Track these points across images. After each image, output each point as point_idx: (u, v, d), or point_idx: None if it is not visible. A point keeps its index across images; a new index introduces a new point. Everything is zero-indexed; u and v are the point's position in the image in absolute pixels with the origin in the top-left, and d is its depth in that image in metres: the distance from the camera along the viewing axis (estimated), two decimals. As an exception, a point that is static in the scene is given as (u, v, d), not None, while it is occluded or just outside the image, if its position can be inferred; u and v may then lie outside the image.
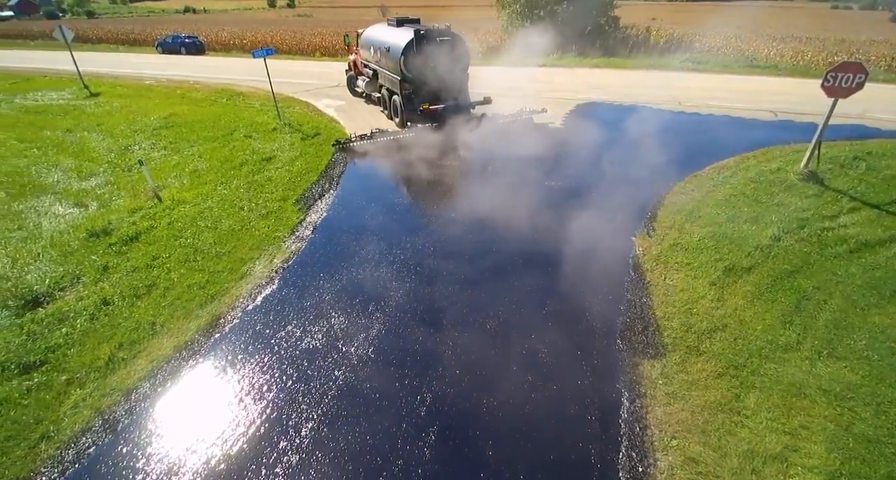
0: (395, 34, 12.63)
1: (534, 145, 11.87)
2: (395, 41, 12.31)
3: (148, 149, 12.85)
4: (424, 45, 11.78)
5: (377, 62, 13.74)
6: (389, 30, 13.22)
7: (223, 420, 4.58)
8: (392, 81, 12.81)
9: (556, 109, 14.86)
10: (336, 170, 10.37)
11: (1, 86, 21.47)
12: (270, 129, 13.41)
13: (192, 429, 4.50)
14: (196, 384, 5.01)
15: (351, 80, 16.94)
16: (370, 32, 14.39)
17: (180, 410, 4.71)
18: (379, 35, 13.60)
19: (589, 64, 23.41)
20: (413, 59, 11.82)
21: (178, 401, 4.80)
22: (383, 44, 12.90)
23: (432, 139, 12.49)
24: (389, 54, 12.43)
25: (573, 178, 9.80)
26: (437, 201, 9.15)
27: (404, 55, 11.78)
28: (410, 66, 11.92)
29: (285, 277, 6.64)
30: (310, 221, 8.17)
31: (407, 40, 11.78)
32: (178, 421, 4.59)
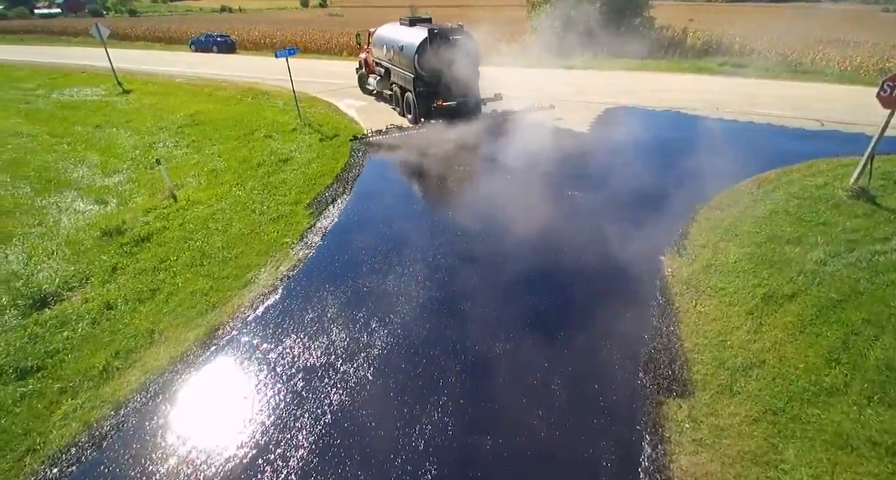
0: (408, 33, 12.81)
1: (556, 151, 11.36)
2: (409, 40, 12.49)
3: (171, 146, 12.95)
4: (438, 43, 12.03)
5: (390, 60, 13.88)
6: (403, 29, 13.39)
7: (209, 442, 4.33)
8: (405, 79, 13.00)
9: (581, 114, 14.27)
10: (351, 174, 10.12)
11: (42, 81, 22.30)
12: (290, 130, 13.32)
13: (178, 450, 4.27)
14: (186, 399, 4.79)
15: (362, 77, 17.14)
16: (383, 31, 14.51)
17: (168, 428, 4.49)
18: (392, 34, 13.75)
19: (621, 66, 22.58)
20: (427, 57, 12.02)
21: (166, 418, 4.59)
22: (397, 42, 13.06)
23: (445, 136, 12.42)
24: (403, 52, 12.59)
25: (597, 188, 9.25)
26: (449, 209, 8.75)
27: (418, 53, 11.98)
28: (424, 64, 12.12)
29: (289, 287, 6.40)
30: (319, 227, 7.92)
31: (421, 39, 11.98)
32: (165, 441, 4.36)
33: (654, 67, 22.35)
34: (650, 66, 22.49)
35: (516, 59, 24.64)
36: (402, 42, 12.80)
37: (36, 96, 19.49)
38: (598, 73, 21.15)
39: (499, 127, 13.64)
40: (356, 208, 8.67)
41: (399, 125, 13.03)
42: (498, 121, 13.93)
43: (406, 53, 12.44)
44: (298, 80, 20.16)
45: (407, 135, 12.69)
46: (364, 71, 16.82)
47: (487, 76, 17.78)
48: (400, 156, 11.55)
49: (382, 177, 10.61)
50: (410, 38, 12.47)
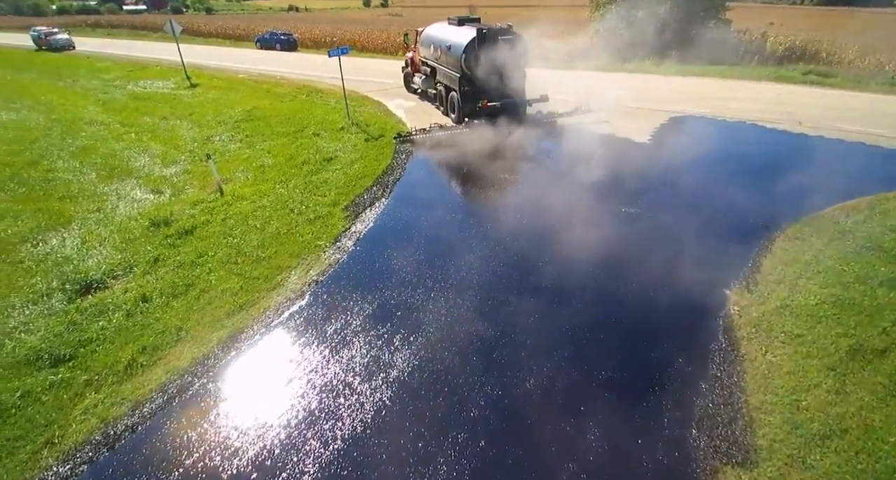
0: (457, 32, 12.73)
1: (611, 161, 10.59)
2: (456, 39, 12.43)
3: (226, 140, 13.34)
4: (486, 43, 11.92)
5: (436, 59, 13.88)
6: (451, 28, 13.35)
7: (217, 455, 4.16)
8: (451, 78, 12.97)
9: (642, 122, 13.30)
10: (392, 177, 9.89)
11: (120, 73, 23.97)
12: (338, 128, 13.35)
13: (185, 461, 4.13)
14: (200, 406, 4.67)
15: (407, 76, 17.29)
16: (431, 31, 14.57)
17: (180, 434, 4.37)
18: (440, 33, 13.76)
19: (690, 72, 21.07)
20: (474, 57, 11.97)
21: (180, 423, 4.48)
22: (444, 42, 13.04)
23: (489, 138, 12.14)
24: (450, 52, 12.56)
25: (657, 206, 8.45)
26: (488, 221, 8.26)
27: (465, 53, 11.94)
28: (471, 64, 12.06)
29: (316, 293, 6.20)
30: (354, 231, 7.72)
31: (469, 38, 11.91)
32: (175, 447, 4.24)
33: (727, 74, 20.69)
34: (724, 73, 20.84)
35: (576, 62, 23.71)
36: (449, 41, 12.77)
37: (114, 87, 20.92)
38: (664, 79, 19.84)
39: (547, 131, 13.01)
40: (393, 213, 8.40)
41: (442, 124, 12.93)
42: (545, 125, 13.32)
43: (453, 53, 12.41)
44: (352, 79, 20.44)
45: (450, 135, 12.53)
46: (410, 70, 16.97)
47: (542, 78, 17.13)
48: (443, 161, 11.20)
49: (423, 181, 10.30)
50: (458, 37, 12.42)
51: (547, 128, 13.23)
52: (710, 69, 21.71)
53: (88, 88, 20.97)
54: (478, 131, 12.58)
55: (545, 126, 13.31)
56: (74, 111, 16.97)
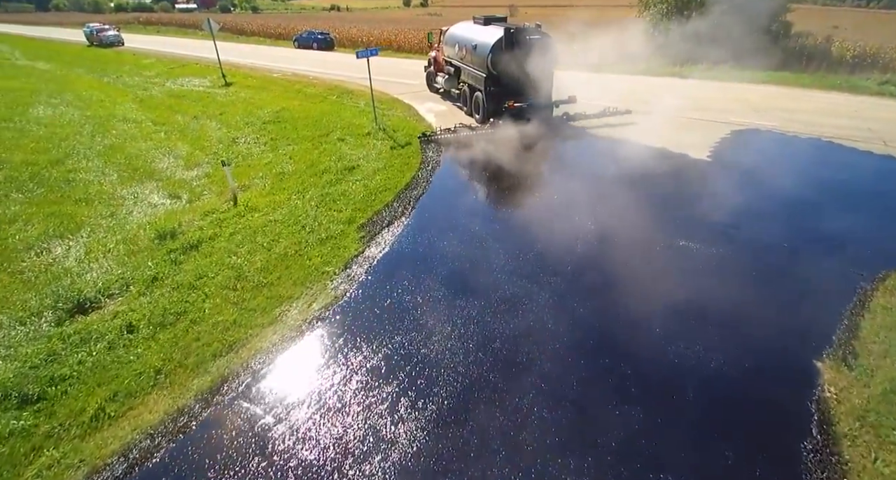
0: (483, 32, 12.35)
1: (666, 181, 9.32)
2: (483, 39, 12.04)
3: (251, 143, 12.82)
4: (514, 43, 11.52)
5: (461, 59, 13.52)
6: (477, 28, 12.96)
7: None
8: (476, 78, 12.63)
9: (700, 135, 11.84)
10: (416, 192, 8.96)
11: (161, 70, 24.22)
12: (364, 133, 12.58)
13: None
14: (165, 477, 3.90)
15: (430, 76, 16.98)
16: (456, 30, 14.22)
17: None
18: (466, 33, 13.36)
19: (748, 78, 19.18)
20: (500, 57, 11.58)
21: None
22: (470, 41, 12.65)
23: (521, 143, 11.61)
24: (476, 52, 12.21)
25: (720, 241, 7.16)
26: (524, 249, 7.18)
27: (492, 52, 11.57)
28: (497, 64, 11.68)
29: (316, 333, 5.35)
30: (367, 256, 6.84)
31: (496, 38, 11.51)
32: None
33: (792, 82, 18.71)
34: (788, 80, 18.88)
35: (621, 65, 22.15)
36: (475, 41, 12.35)
37: (153, 84, 21.03)
38: (721, 85, 18.08)
39: (589, 143, 11.80)
40: (412, 236, 7.44)
41: (468, 124, 12.53)
42: (587, 136, 12.12)
43: (479, 52, 12.00)
44: (383, 80, 19.72)
45: (478, 138, 11.92)
46: (433, 69, 16.58)
47: (584, 81, 15.87)
48: (472, 172, 10.23)
49: (449, 198, 9.26)
50: (485, 37, 12.01)
51: (589, 139, 12.03)
52: (773, 76, 19.76)
53: (129, 84, 21.17)
54: (507, 135, 11.85)
55: (587, 136, 12.12)
56: (111, 107, 16.98)
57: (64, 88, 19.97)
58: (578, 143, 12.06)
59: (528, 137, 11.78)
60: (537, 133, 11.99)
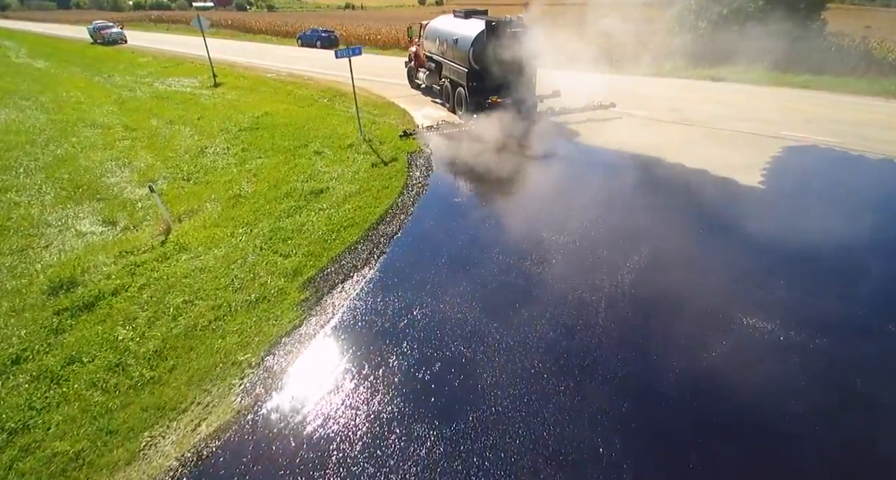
0: (464, 25, 11.67)
1: (710, 216, 7.11)
2: (464, 33, 11.39)
3: (220, 154, 10.96)
4: (495, 36, 10.81)
5: (442, 54, 12.83)
6: (458, 21, 12.27)
7: None
8: (458, 73, 11.93)
9: (747, 152, 9.52)
10: (389, 228, 6.89)
11: (155, 69, 22.60)
12: (346, 145, 10.58)
13: None
14: None
15: (411, 71, 16.05)
16: (436, 24, 13.51)
17: None
18: (446, 27, 12.65)
19: (790, 82, 16.61)
20: (482, 51, 10.90)
21: None
22: (451, 35, 11.97)
23: (500, 136, 10.58)
24: (457, 46, 11.59)
25: (800, 315, 4.94)
26: (518, 327, 5.10)
27: (474, 47, 10.89)
28: (479, 58, 11.00)
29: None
30: (303, 335, 4.80)
31: (477, 32, 10.83)
32: None
33: (838, 87, 16.07)
34: (833, 85, 16.23)
35: (644, 64, 19.73)
36: (457, 35, 11.67)
37: (142, 84, 19.39)
38: (760, 90, 15.55)
39: (599, 156, 9.60)
40: (373, 301, 5.29)
41: (451, 121, 11.81)
42: (612, 155, 9.92)
43: (461, 47, 11.35)
44: (381, 82, 17.72)
45: (468, 144, 10.42)
46: (413, 64, 15.65)
47: (605, 85, 13.66)
48: (464, 198, 8.14)
49: (431, 239, 6.92)
50: (466, 30, 11.33)
51: (610, 157, 9.83)
52: (815, 80, 17.10)
53: (117, 84, 19.58)
54: (484, 127, 10.73)
55: (605, 153, 9.93)
56: (87, 110, 15.35)
57: (45, 89, 18.46)
58: (597, 162, 9.87)
59: (529, 153, 9.84)
60: (540, 148, 9.87)
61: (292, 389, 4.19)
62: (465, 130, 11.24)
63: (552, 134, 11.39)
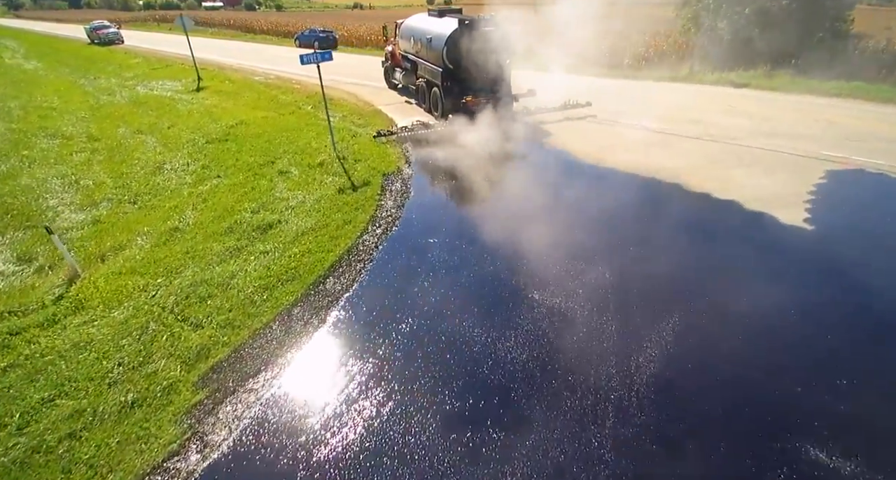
0: (437, 24, 11.34)
1: (747, 266, 5.47)
2: (437, 31, 11.03)
3: (177, 171, 9.56)
4: (468, 35, 10.45)
5: (417, 53, 12.41)
6: (431, 20, 11.93)
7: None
8: (433, 73, 11.50)
9: (783, 178, 7.81)
10: (339, 283, 5.34)
11: (143, 71, 21.33)
12: (316, 164, 9.08)
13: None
14: None
15: (388, 71, 15.53)
16: (411, 22, 13.04)
17: None
18: (420, 26, 12.25)
19: (818, 90, 14.71)
20: (456, 50, 10.56)
21: None
22: (425, 34, 11.57)
23: (484, 148, 9.59)
24: (431, 45, 11.18)
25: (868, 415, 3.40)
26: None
27: (447, 46, 10.53)
28: (453, 57, 10.65)
29: None
30: (177, 474, 3.37)
31: (451, 30, 10.49)
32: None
33: (874, 95, 14.12)
34: (867, 93, 14.27)
35: (656, 69, 17.95)
36: (430, 34, 11.27)
37: (124, 87, 18.09)
38: (788, 99, 13.72)
39: (608, 182, 7.96)
40: (292, 413, 3.75)
41: (425, 122, 11.44)
42: (620, 179, 8.29)
43: (434, 46, 10.96)
44: (372, 86, 16.18)
45: (445, 150, 9.62)
46: (390, 64, 15.08)
47: (607, 91, 12.06)
48: (438, 242, 6.58)
49: (396, 299, 5.19)
50: (439, 29, 10.98)
51: (626, 182, 8.20)
52: (846, 87, 15.12)
53: (99, 88, 18.31)
54: (460, 130, 10.07)
55: (623, 180, 8.30)
56: (55, 118, 14.06)
57: (22, 93, 17.23)
58: (607, 188, 8.25)
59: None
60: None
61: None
62: (446, 137, 10.39)
63: (546, 151, 9.81)
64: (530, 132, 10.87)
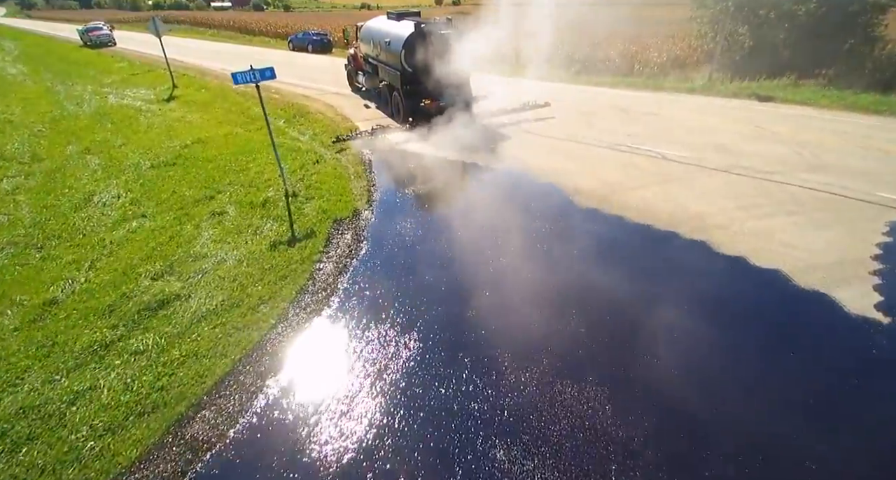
0: (396, 27, 11.14)
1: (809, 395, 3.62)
2: (395, 35, 10.83)
3: (106, 204, 7.95)
4: (425, 38, 10.29)
5: (377, 56, 12.22)
6: (390, 23, 11.65)
7: None
8: (393, 76, 11.28)
9: (842, 232, 5.89)
10: (221, 416, 3.62)
11: (123, 76, 19.78)
12: (259, 203, 7.34)
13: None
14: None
15: (350, 74, 15.30)
16: (370, 25, 12.82)
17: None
18: (379, 28, 12.05)
19: (853, 104, 12.60)
20: (414, 53, 10.33)
21: None
22: (384, 38, 11.40)
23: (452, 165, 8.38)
24: (390, 48, 10.99)
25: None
26: None
27: (405, 49, 10.33)
28: (411, 61, 10.45)
29: None
30: None
31: (408, 33, 10.29)
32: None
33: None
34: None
35: (670, 79, 15.93)
36: (389, 37, 11.08)
37: (97, 95, 16.55)
38: (819, 116, 11.62)
39: (622, 244, 6.11)
40: None
41: (385, 126, 11.00)
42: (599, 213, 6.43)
43: (393, 49, 10.78)
44: (356, 97, 14.45)
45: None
46: (352, 67, 14.80)
47: (623, 104, 10.26)
48: (383, 334, 4.80)
49: (301, 442, 3.49)
50: (397, 32, 10.77)
51: (634, 240, 6.33)
52: (884, 102, 12.96)
53: (72, 95, 16.79)
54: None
55: (627, 234, 6.43)
56: (7, 133, 12.51)
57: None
58: (614, 252, 6.42)
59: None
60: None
61: None
62: (419, 158, 9.31)
63: (534, 185, 7.96)
64: (513, 162, 9.04)
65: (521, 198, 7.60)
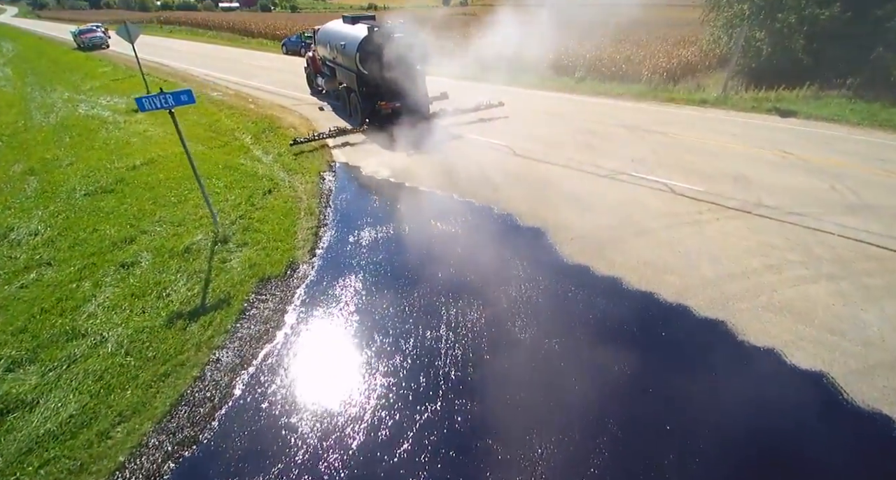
0: (350, 30, 10.77)
1: None
2: (350, 38, 10.48)
3: (19, 244, 6.68)
4: (379, 41, 10.03)
5: (334, 59, 11.98)
6: (346, 27, 11.35)
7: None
8: (350, 79, 10.98)
9: (890, 291, 4.41)
10: None
11: (104, 82, 18.57)
12: (181, 251, 6.00)
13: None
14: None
15: (310, 77, 15.03)
16: (326, 29, 12.67)
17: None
18: (335, 32, 11.80)
19: (885, 120, 10.92)
20: (368, 56, 10.10)
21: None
22: (339, 41, 11.03)
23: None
24: (345, 51, 10.61)
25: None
26: None
27: (360, 51, 10.03)
28: (365, 63, 10.18)
29: None
30: None
31: (362, 36, 10.01)
32: None
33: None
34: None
35: (681, 89, 14.30)
36: (344, 40, 10.81)
37: (69, 103, 15.39)
38: (853, 139, 9.89)
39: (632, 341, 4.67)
40: None
41: (343, 128, 10.52)
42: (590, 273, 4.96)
43: (348, 52, 10.46)
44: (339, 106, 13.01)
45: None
46: (311, 70, 14.55)
47: (628, 121, 8.76)
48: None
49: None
50: (352, 36, 10.46)
51: (624, 329, 4.87)
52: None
53: (44, 104, 15.66)
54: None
55: (616, 319, 4.97)
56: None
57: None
58: (610, 324, 4.98)
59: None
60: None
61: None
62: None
63: (522, 243, 6.51)
64: (481, 180, 7.59)
65: (499, 246, 6.15)
